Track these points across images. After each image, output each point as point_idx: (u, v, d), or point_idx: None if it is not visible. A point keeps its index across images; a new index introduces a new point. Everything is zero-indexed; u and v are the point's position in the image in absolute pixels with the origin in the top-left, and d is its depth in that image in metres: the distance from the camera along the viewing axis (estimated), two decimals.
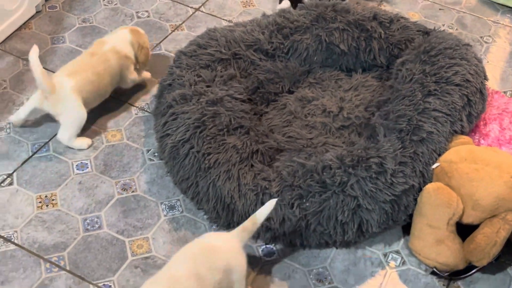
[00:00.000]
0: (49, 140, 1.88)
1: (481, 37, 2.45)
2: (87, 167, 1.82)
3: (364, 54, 2.12)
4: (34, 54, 1.74)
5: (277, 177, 1.66)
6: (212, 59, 1.99)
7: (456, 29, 2.48)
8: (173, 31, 2.34)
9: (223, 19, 2.42)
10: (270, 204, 1.50)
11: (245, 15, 2.45)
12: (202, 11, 2.46)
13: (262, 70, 2.05)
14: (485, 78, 1.90)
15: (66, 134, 1.84)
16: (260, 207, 1.60)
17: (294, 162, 1.68)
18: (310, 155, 1.74)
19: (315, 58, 2.13)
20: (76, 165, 1.82)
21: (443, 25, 2.49)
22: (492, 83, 2.17)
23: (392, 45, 2.12)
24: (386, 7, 2.57)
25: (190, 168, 1.71)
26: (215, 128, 1.74)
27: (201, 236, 1.47)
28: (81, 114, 1.83)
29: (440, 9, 2.59)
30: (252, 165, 1.70)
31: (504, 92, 2.18)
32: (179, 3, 2.47)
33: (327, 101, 2.01)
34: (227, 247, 1.44)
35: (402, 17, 2.19)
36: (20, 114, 1.88)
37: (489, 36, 2.46)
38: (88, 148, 1.87)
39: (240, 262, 1.45)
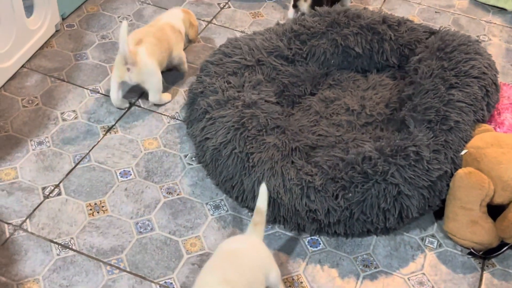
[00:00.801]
0: (89, 151, 1.94)
1: (477, 37, 2.61)
2: (130, 174, 1.88)
3: (377, 55, 2.25)
4: (124, 27, 1.89)
5: (318, 171, 1.75)
6: (238, 66, 2.09)
7: (454, 30, 2.63)
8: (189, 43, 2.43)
9: (236, 30, 2.52)
10: (264, 190, 1.57)
11: (255, 25, 2.56)
12: (214, 23, 2.55)
13: (285, 75, 2.15)
14: (497, 71, 2.05)
15: (157, 96, 2.09)
16: (305, 200, 1.69)
17: (332, 157, 1.78)
18: (343, 150, 1.85)
19: (332, 61, 2.25)
20: (120, 173, 1.88)
21: (441, 27, 2.64)
22: None
23: (402, 46, 2.25)
24: (386, 13, 2.71)
25: (233, 168, 1.79)
26: (254, 129, 1.83)
27: (221, 244, 1.52)
28: (159, 74, 2.05)
29: (436, 12, 2.75)
30: (292, 162, 1.80)
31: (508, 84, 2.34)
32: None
33: (348, 100, 2.12)
34: (248, 247, 1.51)
35: (408, 20, 2.33)
36: (115, 96, 2.05)
37: (485, 35, 2.63)
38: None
39: (265, 255, 1.51)
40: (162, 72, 2.10)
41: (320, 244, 1.75)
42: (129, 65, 1.97)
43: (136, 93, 2.16)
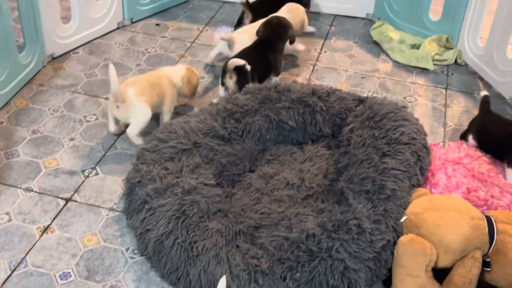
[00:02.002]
0: (26, 255, 1.86)
1: (404, 98, 2.72)
2: (71, 276, 1.81)
3: (311, 127, 2.30)
4: (112, 71, 2.12)
5: (264, 253, 1.74)
6: (175, 151, 2.08)
7: (381, 93, 2.74)
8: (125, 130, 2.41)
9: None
10: (222, 284, 1.57)
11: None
12: None
13: (223, 155, 2.16)
14: (425, 134, 2.12)
15: (135, 130, 2.24)
16: (253, 285, 1.67)
17: (277, 236, 1.78)
18: (287, 227, 1.85)
19: (268, 136, 2.27)
20: (59, 275, 1.80)
21: (369, 91, 2.74)
22: None
23: (334, 115, 2.31)
24: (315, 82, 2.79)
25: (178, 259, 1.75)
26: (196, 216, 1.81)
27: None
28: (148, 114, 2.24)
29: (362, 77, 2.86)
30: (237, 246, 1.78)
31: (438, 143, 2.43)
32: None
33: (287, 174, 2.14)
34: None
35: (336, 89, 2.41)
36: (111, 128, 2.31)
37: (411, 95, 2.74)
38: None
39: None
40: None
41: None
42: (118, 102, 2.19)
43: (71, 188, 2.11)
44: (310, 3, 3.11)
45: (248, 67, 2.45)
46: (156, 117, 2.38)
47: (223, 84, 2.50)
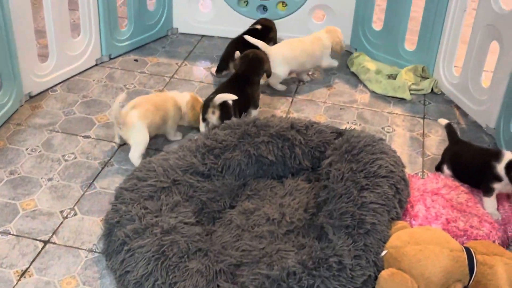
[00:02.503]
0: None
1: (382, 128, 2.74)
2: None
3: (290, 160, 2.31)
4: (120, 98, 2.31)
5: None
6: (154, 189, 2.07)
7: (360, 124, 2.76)
8: (103, 167, 2.40)
9: (150, 149, 2.52)
10: None
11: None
12: (124, 144, 2.54)
13: (203, 191, 2.15)
14: (403, 166, 2.14)
15: (136, 153, 2.36)
16: None
17: (258, 275, 1.77)
18: (269, 264, 1.84)
19: (248, 171, 2.27)
20: None
21: (348, 122, 2.77)
22: None
23: (313, 148, 2.33)
24: (294, 114, 2.81)
25: None
26: (175, 256, 1.80)
27: None
28: (146, 136, 2.36)
29: (341, 108, 2.88)
30: (218, 286, 1.76)
31: (416, 173, 2.45)
32: (103, 140, 2.55)
33: (268, 209, 2.14)
34: None
35: (315, 122, 2.42)
36: (116, 136, 2.45)
37: (389, 126, 2.77)
38: None
39: None
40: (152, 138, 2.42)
41: None
42: (120, 124, 2.32)
43: (50, 230, 2.08)
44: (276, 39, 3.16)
45: (231, 102, 2.46)
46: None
47: (204, 120, 2.51)
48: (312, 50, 2.96)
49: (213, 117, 2.48)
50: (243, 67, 2.64)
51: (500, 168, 2.08)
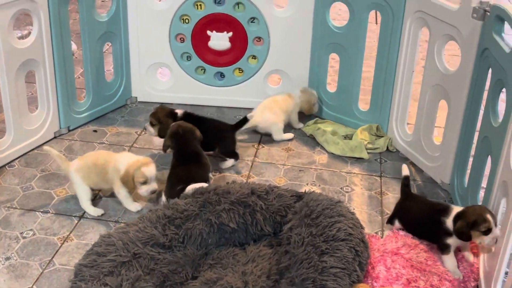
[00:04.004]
0: None
1: (341, 188, 2.79)
2: None
3: (252, 227, 2.32)
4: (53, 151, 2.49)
5: None
6: (114, 264, 2.05)
7: (319, 185, 2.81)
8: (63, 243, 2.36)
9: (109, 221, 2.50)
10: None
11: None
12: (86, 218, 2.52)
13: (164, 263, 2.13)
14: (362, 227, 2.17)
15: (81, 205, 2.53)
16: None
17: None
18: None
19: (210, 240, 2.27)
20: None
21: (307, 184, 2.81)
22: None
23: (274, 213, 2.35)
24: (254, 178, 2.84)
25: None
26: None
27: None
28: (82, 187, 2.51)
29: (300, 170, 2.93)
30: None
31: (376, 232, 2.48)
32: (63, 214, 2.52)
33: (231, 278, 2.12)
34: None
35: (275, 187, 2.46)
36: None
37: (348, 185, 2.82)
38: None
39: None
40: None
41: None
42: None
43: None
44: None
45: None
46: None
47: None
48: (286, 106, 3.17)
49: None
50: (178, 145, 2.64)
51: (449, 222, 2.13)
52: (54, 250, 2.32)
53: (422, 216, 2.26)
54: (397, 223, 2.36)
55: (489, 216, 2.03)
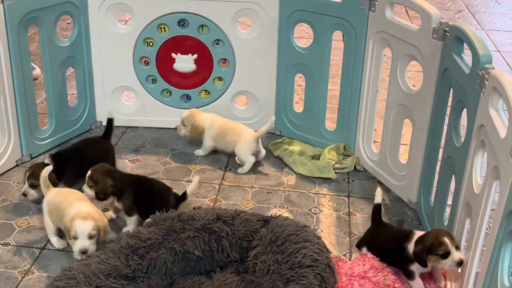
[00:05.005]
0: None
1: (309, 210, 2.77)
2: None
3: (218, 253, 2.28)
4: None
5: None
6: None
7: (287, 207, 2.78)
8: (23, 277, 2.29)
9: (73, 252, 2.44)
10: None
11: None
12: (48, 249, 2.45)
13: None
14: (328, 251, 2.15)
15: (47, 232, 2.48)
16: None
17: None
18: None
19: (174, 269, 2.22)
20: None
21: (275, 206, 2.78)
22: (332, 250, 2.43)
23: (240, 239, 2.31)
24: (222, 202, 2.81)
25: None
26: None
27: None
28: (47, 219, 2.45)
29: (268, 192, 2.90)
30: None
31: (344, 255, 2.46)
32: (24, 246, 2.45)
33: None
34: None
35: (241, 211, 2.42)
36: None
37: (316, 207, 2.80)
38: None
39: None
40: None
41: None
42: None
43: None
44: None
45: None
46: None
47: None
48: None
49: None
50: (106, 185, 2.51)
51: (411, 248, 2.12)
52: (14, 284, 2.25)
53: (388, 244, 2.25)
54: (364, 251, 2.34)
55: (446, 239, 2.02)
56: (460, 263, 2.01)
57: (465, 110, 2.19)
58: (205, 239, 2.27)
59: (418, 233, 2.15)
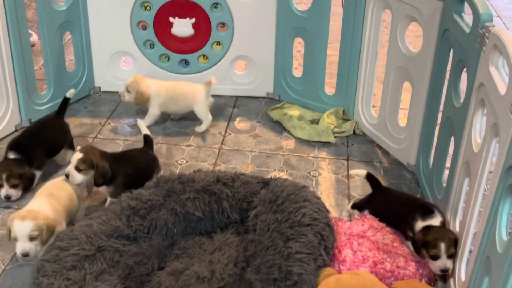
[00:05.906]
0: None
1: (308, 173, 2.79)
2: None
3: (218, 215, 2.30)
4: None
5: None
6: (77, 258, 2.01)
7: (287, 171, 2.80)
8: None
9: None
10: None
11: None
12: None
13: (129, 255, 2.10)
14: (327, 211, 2.17)
15: None
16: None
17: None
18: None
19: (175, 230, 2.24)
20: None
21: (275, 170, 2.79)
22: (331, 212, 2.45)
23: (240, 200, 2.32)
24: (222, 166, 2.82)
25: None
26: None
27: None
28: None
29: (267, 156, 2.91)
30: None
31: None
32: None
33: (197, 267, 2.10)
34: None
35: (241, 174, 2.43)
36: None
37: (315, 170, 2.81)
38: None
39: None
40: None
41: None
42: None
43: None
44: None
45: None
46: None
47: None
48: None
49: None
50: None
51: (418, 226, 2.13)
52: None
53: (394, 210, 2.25)
54: (367, 214, 2.33)
55: (442, 245, 2.02)
56: (443, 271, 2.03)
57: (464, 72, 2.18)
58: (205, 200, 2.29)
59: (436, 219, 2.12)
